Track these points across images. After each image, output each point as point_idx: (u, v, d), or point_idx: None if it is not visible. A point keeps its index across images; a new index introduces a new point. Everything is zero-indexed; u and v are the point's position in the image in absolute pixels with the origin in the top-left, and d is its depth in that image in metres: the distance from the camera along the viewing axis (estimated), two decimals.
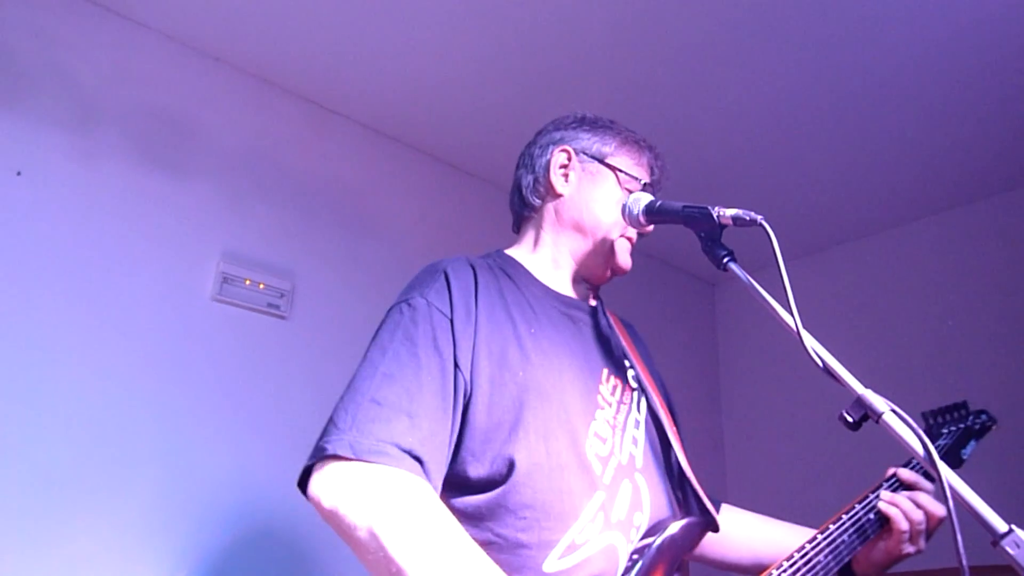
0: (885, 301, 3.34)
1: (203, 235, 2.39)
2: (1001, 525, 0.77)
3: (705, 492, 1.19)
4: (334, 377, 2.50)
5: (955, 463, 1.36)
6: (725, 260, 1.07)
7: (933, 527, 1.19)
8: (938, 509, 1.17)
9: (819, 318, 3.32)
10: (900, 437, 0.85)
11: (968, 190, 3.13)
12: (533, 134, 1.40)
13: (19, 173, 2.10)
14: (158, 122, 2.39)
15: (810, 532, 1.20)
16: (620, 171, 1.28)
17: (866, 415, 0.88)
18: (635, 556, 1.03)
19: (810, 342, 0.94)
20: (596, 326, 1.27)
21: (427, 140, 2.99)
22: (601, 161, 1.29)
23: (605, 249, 1.26)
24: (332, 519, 0.91)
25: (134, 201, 2.28)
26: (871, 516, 1.18)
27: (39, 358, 2.01)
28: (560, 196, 1.29)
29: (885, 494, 1.20)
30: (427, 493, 0.92)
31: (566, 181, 1.29)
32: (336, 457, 0.92)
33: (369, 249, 2.77)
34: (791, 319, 0.96)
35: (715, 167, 3.06)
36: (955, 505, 0.78)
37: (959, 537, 0.78)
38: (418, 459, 0.93)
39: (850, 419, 0.89)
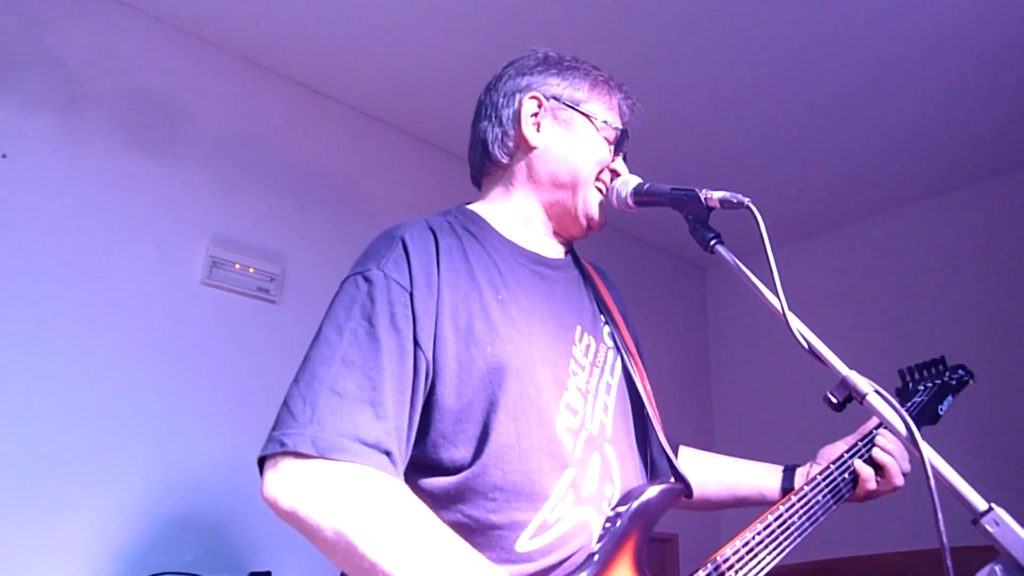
0: (872, 286, 3.36)
1: (192, 218, 2.38)
2: (981, 504, 0.77)
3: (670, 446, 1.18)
4: None
5: (932, 419, 1.37)
6: (712, 243, 1.06)
7: (884, 490, 1.22)
8: (893, 476, 1.21)
9: (808, 302, 3.33)
10: (884, 417, 0.85)
11: (954, 177, 3.15)
12: None
13: (4, 156, 2.08)
14: (146, 105, 2.37)
15: (769, 467, 1.29)
16: (595, 117, 1.19)
17: (850, 396, 0.88)
18: (607, 524, 1.01)
19: (796, 324, 0.94)
20: (569, 281, 1.20)
21: (418, 124, 2.98)
22: (575, 108, 1.19)
23: (580, 202, 1.18)
24: (291, 519, 0.86)
25: (122, 184, 2.26)
26: (847, 476, 1.21)
27: (25, 343, 2.00)
28: (533, 149, 1.18)
29: (880, 440, 1.23)
30: (396, 488, 0.89)
31: (538, 131, 1.18)
32: (295, 454, 0.87)
33: (360, 233, 2.73)
34: (777, 301, 0.96)
35: (705, 153, 3.06)
36: (936, 484, 0.79)
37: (940, 516, 0.78)
38: (385, 451, 0.90)
39: (834, 400, 0.89)
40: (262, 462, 0.91)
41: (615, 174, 1.21)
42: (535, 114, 1.20)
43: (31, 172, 2.12)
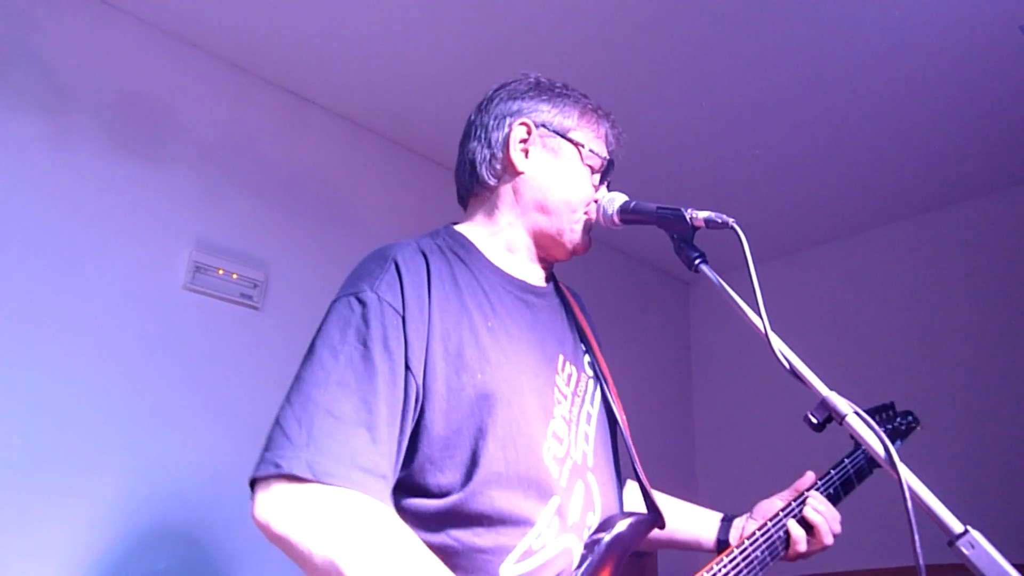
0: (856, 303, 3.40)
1: (176, 223, 2.36)
2: (957, 526, 0.78)
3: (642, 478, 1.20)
4: None
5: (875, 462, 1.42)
6: (697, 262, 1.08)
7: (814, 550, 1.26)
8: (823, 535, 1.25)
9: (791, 319, 3.36)
10: (862, 438, 0.87)
11: (939, 195, 3.19)
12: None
13: None
14: (132, 108, 2.36)
15: (708, 514, 1.33)
16: (583, 146, 1.21)
17: (830, 417, 0.90)
18: (585, 552, 1.03)
19: (778, 344, 0.95)
20: (552, 309, 1.22)
21: (404, 132, 2.98)
22: (563, 136, 1.21)
23: (565, 228, 1.19)
24: (283, 545, 0.85)
25: (106, 187, 2.25)
26: (781, 534, 1.23)
27: (4, 347, 1.98)
28: (520, 174, 1.20)
29: (812, 501, 1.27)
30: (390, 518, 0.89)
31: (526, 157, 1.20)
32: (290, 477, 0.86)
33: (344, 240, 2.75)
34: (760, 321, 0.97)
35: (690, 170, 3.08)
36: (912, 506, 0.80)
37: (916, 538, 0.80)
38: (381, 476, 0.90)
39: (814, 420, 0.91)
40: (253, 483, 0.90)
41: (597, 202, 1.23)
42: (524, 140, 1.21)
43: (14, 174, 2.10)
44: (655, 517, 1.12)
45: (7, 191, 2.07)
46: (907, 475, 0.82)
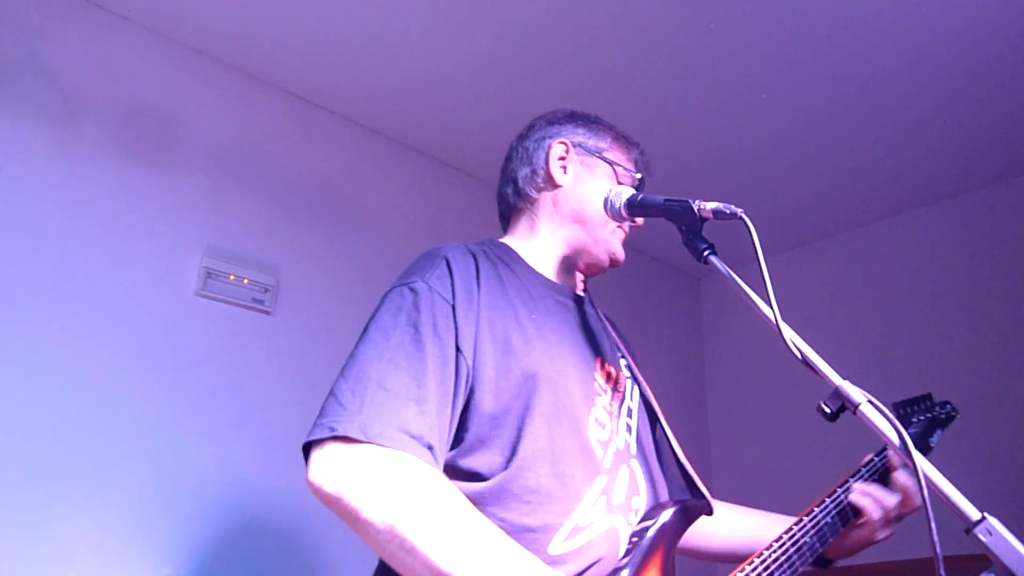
0: (868, 295, 3.37)
1: (186, 230, 2.38)
2: (974, 513, 0.78)
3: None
4: (319, 372, 2.50)
5: (924, 450, 1.43)
6: (705, 253, 1.08)
7: (905, 513, 1.25)
8: (913, 496, 1.25)
9: (803, 311, 3.34)
10: (877, 428, 0.86)
11: (950, 185, 3.16)
12: (518, 129, 1.42)
13: None
14: (141, 116, 2.38)
15: (787, 520, 1.24)
16: (616, 164, 1.32)
17: (843, 406, 0.89)
18: (634, 538, 1.06)
19: (789, 334, 0.95)
20: (590, 315, 1.30)
21: (413, 135, 2.99)
22: (598, 155, 1.33)
23: (602, 239, 1.29)
24: (334, 504, 0.89)
25: (116, 196, 2.26)
26: (845, 505, 1.23)
27: (20, 354, 1.99)
28: (559, 187, 1.31)
29: (858, 485, 1.26)
30: (441, 479, 0.93)
31: (564, 172, 1.32)
32: (344, 438, 0.90)
33: (354, 244, 2.76)
34: (770, 312, 0.97)
35: (699, 162, 3.07)
36: (929, 494, 0.79)
37: (933, 526, 0.79)
38: (428, 446, 0.94)
39: (828, 410, 0.90)
40: (307, 449, 0.94)
41: (634, 222, 1.32)
42: (562, 157, 1.33)
43: (25, 183, 2.11)
44: (703, 503, 1.16)
45: (17, 201, 2.09)
46: (923, 463, 0.82)
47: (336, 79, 2.69)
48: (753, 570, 1.10)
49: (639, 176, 1.34)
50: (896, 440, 0.84)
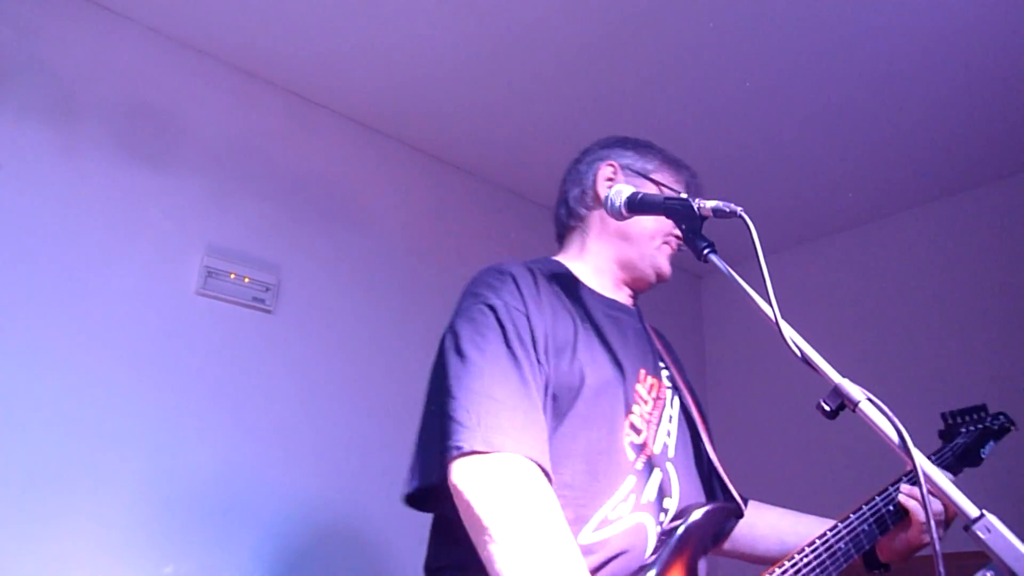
0: (870, 293, 3.37)
1: (187, 229, 2.38)
2: (973, 510, 0.78)
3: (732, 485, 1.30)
4: (320, 371, 2.50)
5: (974, 461, 1.44)
6: (705, 252, 1.09)
7: (951, 517, 1.28)
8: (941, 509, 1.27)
9: (805, 309, 3.34)
10: (876, 425, 0.86)
11: (951, 182, 3.16)
12: (520, 127, 1.45)
13: None
14: (141, 115, 2.38)
15: (831, 522, 1.28)
16: (663, 185, 1.39)
17: (843, 404, 0.89)
18: (663, 536, 1.12)
19: (788, 332, 0.95)
20: (636, 329, 1.37)
21: (414, 134, 2.99)
22: (645, 176, 1.39)
23: (647, 254, 1.37)
24: (466, 511, 0.98)
25: (117, 195, 2.27)
26: (890, 508, 1.26)
27: (21, 354, 2.00)
28: None
29: (905, 487, 1.28)
30: (544, 489, 1.00)
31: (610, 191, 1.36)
32: (472, 452, 1.00)
33: (355, 242, 2.76)
34: (770, 309, 0.97)
35: (700, 160, 3.06)
36: (928, 491, 0.79)
37: (932, 523, 0.79)
38: (539, 448, 1.03)
39: (827, 408, 0.90)
40: (444, 466, 1.03)
41: (678, 238, 1.38)
42: (610, 178, 1.40)
43: (25, 183, 2.12)
44: (733, 506, 1.23)
45: (18, 200, 2.09)
46: (922, 461, 0.82)
47: (337, 78, 2.69)
48: (783, 573, 1.16)
49: (685, 197, 1.34)
50: (896, 438, 0.84)
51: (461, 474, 1.00)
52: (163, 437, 2.15)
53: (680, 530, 1.12)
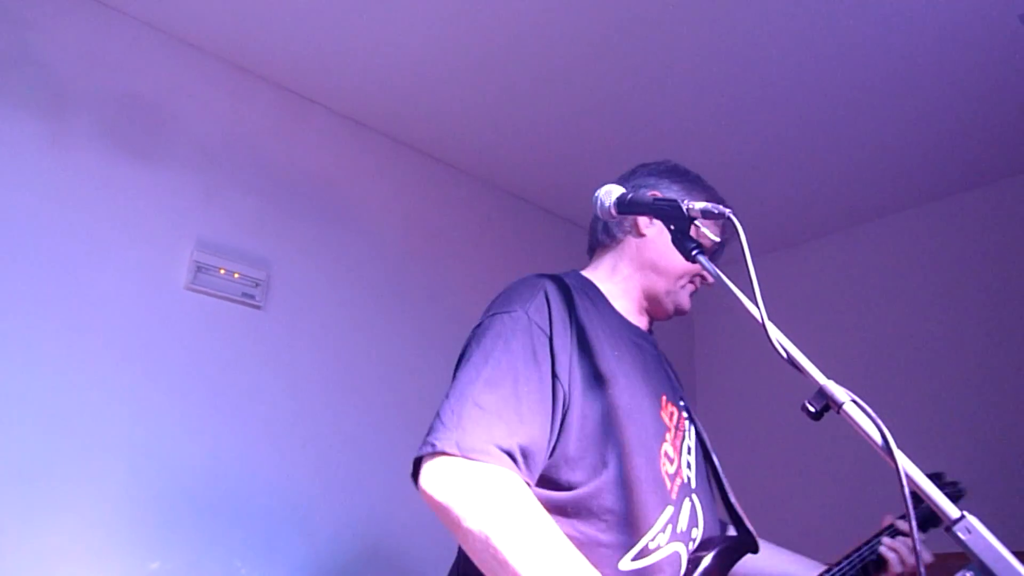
0: (858, 295, 3.39)
1: (177, 223, 2.37)
2: (954, 512, 0.79)
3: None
4: (309, 367, 2.50)
5: (936, 524, 1.46)
6: (694, 252, 1.09)
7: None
8: (927, 555, 1.33)
9: (794, 314, 3.36)
10: (860, 427, 0.87)
11: (942, 185, 3.17)
12: (511, 126, 1.44)
13: None
14: (131, 109, 2.37)
15: (818, 565, 1.39)
16: (701, 230, 1.38)
17: (827, 405, 0.90)
18: (691, 567, 1.17)
19: (775, 333, 0.95)
20: (656, 355, 1.40)
21: (406, 131, 2.99)
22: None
23: (673, 291, 1.40)
24: (442, 512, 1.01)
25: (106, 188, 2.26)
26: (873, 557, 1.37)
27: (8, 347, 1.99)
28: (643, 236, 1.40)
29: (886, 540, 1.38)
30: (521, 489, 1.02)
31: (650, 223, 1.40)
32: (443, 453, 1.02)
33: (346, 239, 2.76)
34: (756, 310, 0.97)
35: (696, 161, 3.06)
36: (910, 493, 0.80)
37: (914, 524, 0.80)
38: (513, 458, 1.04)
39: (812, 409, 0.90)
40: (418, 462, 1.07)
41: (704, 280, 1.43)
42: None
43: (14, 176, 2.10)
44: (750, 540, 1.27)
45: (6, 193, 2.08)
46: (905, 462, 0.82)
47: (329, 74, 2.69)
48: None
49: (718, 240, 1.36)
50: (879, 439, 0.85)
51: (428, 471, 1.04)
52: (151, 433, 2.14)
53: (706, 561, 1.17)
